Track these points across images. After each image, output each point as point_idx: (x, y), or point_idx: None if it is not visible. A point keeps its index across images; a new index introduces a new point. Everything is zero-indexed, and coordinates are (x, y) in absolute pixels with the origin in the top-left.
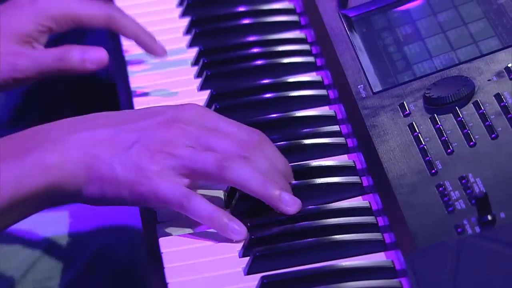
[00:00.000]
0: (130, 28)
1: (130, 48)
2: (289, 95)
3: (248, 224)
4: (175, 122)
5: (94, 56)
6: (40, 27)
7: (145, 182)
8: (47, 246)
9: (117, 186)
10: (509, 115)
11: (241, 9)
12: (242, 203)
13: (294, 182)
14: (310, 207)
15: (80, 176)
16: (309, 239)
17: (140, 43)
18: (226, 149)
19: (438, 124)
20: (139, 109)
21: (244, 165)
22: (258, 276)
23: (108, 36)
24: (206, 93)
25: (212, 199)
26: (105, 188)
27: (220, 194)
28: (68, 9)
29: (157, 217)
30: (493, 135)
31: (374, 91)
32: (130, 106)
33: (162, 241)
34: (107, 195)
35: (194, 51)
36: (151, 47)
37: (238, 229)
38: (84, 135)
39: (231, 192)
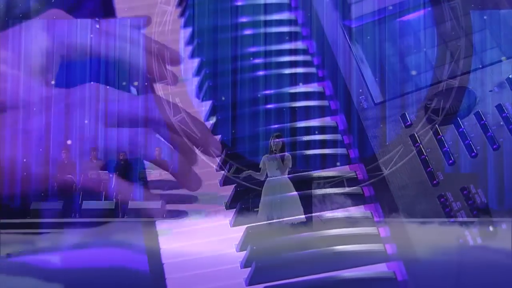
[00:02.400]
0: None
1: None
2: (290, 106)
3: (250, 230)
4: None
5: None
6: None
7: None
8: None
9: None
10: (510, 126)
11: (243, 20)
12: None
13: (296, 192)
14: (312, 217)
15: None
16: (311, 250)
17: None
18: None
19: (439, 134)
20: None
21: None
22: (259, 287)
23: None
24: (207, 104)
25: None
26: None
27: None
28: None
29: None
30: (494, 146)
31: (375, 102)
32: None
33: None
34: None
35: (195, 62)
36: None
37: None
38: None
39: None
